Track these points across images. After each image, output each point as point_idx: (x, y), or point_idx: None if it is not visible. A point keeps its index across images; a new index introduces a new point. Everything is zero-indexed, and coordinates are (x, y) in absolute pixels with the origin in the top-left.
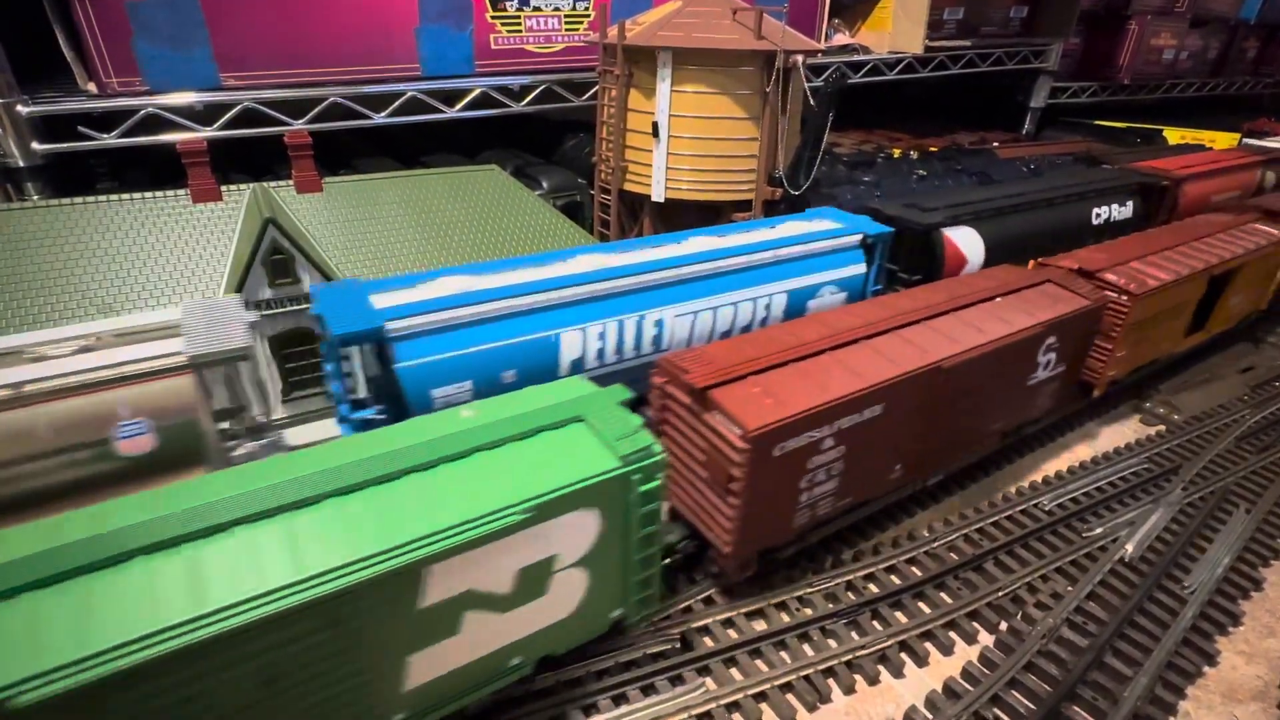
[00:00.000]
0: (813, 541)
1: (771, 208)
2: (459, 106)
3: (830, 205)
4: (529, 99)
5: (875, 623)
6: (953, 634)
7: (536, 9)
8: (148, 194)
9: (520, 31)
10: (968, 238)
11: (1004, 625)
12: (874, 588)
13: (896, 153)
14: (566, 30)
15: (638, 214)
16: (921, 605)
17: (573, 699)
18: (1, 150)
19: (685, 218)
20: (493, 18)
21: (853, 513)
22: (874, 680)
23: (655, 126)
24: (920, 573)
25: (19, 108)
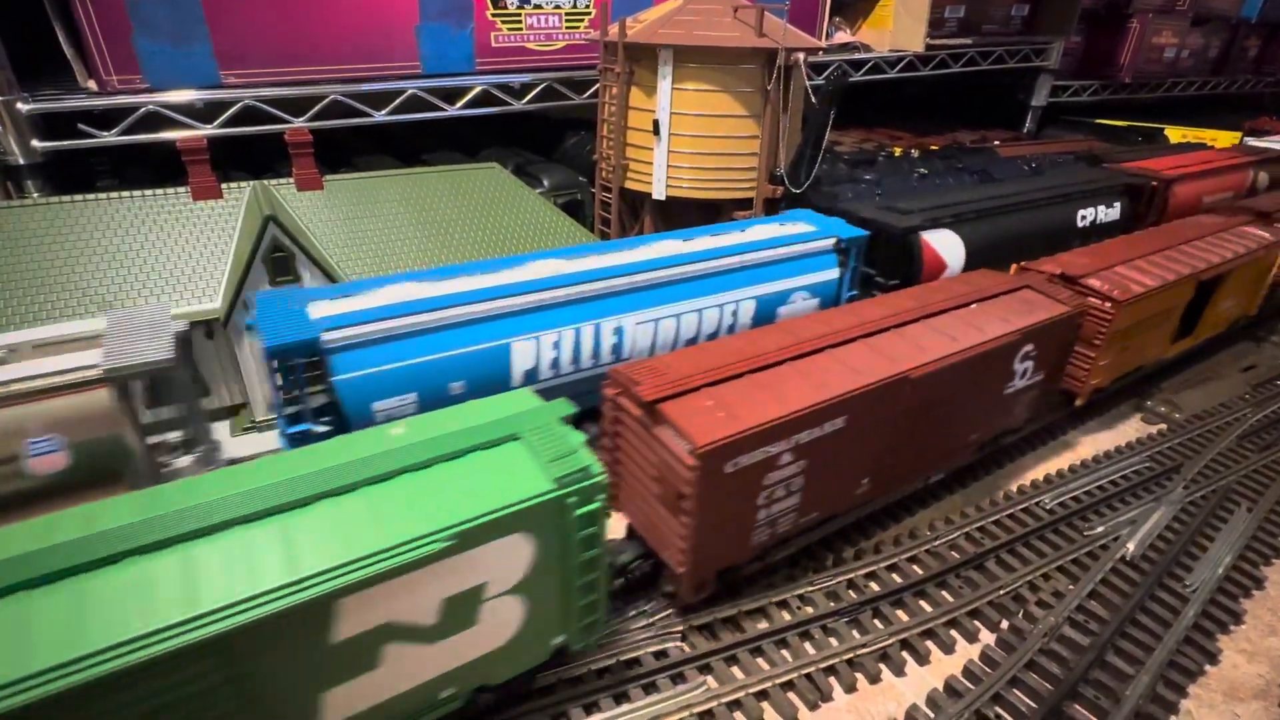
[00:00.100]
0: (777, 559)
1: (773, 206)
2: (459, 104)
3: (832, 204)
4: (530, 97)
5: (877, 621)
6: (954, 632)
7: (537, 7)
8: (148, 191)
9: (521, 29)
10: (947, 241)
11: (1005, 623)
12: (875, 586)
13: (897, 151)
14: (567, 28)
15: (639, 212)
16: (923, 603)
17: (574, 697)
18: (2, 148)
19: (686, 216)
20: (493, 15)
21: (819, 528)
22: (875, 678)
23: (656, 124)
24: (922, 571)
25: (19, 105)
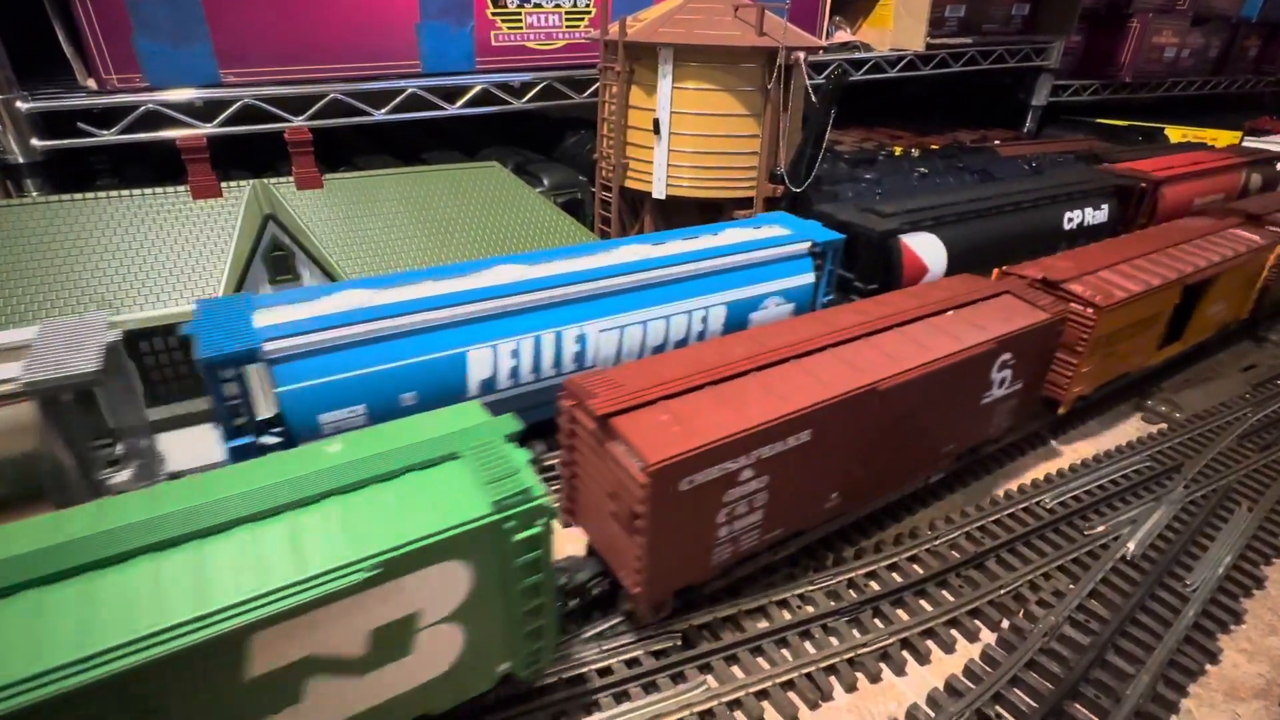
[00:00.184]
0: (740, 576)
1: (773, 205)
2: (459, 103)
3: (833, 203)
4: (530, 96)
5: (877, 620)
6: (955, 631)
7: (537, 6)
8: (147, 190)
9: (521, 28)
10: (928, 244)
11: (1006, 623)
12: (876, 585)
13: (898, 150)
14: (567, 27)
15: (639, 211)
16: (923, 603)
17: (575, 696)
18: (1, 146)
19: (687, 215)
20: (493, 14)
21: (788, 543)
22: (876, 678)
23: (656, 123)
24: (922, 570)
25: (19, 104)
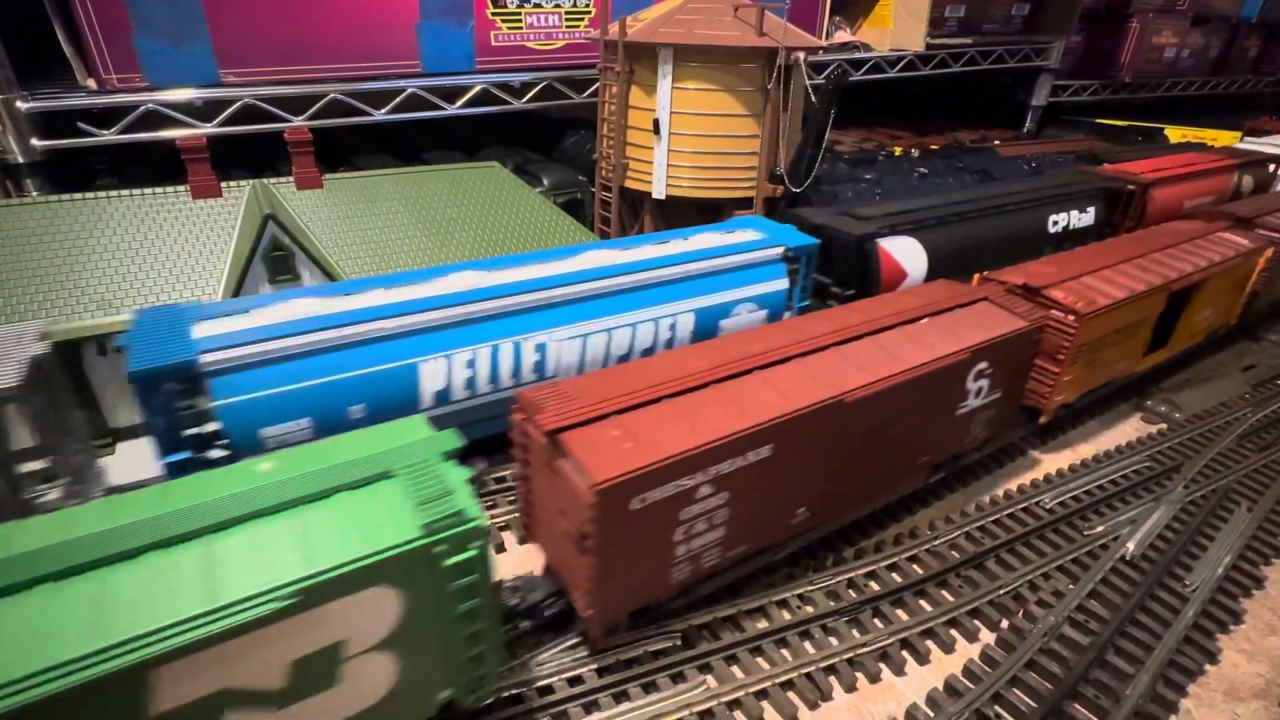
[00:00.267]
0: (700, 595)
1: (773, 205)
2: (459, 103)
3: (832, 203)
4: (529, 96)
5: (877, 620)
6: (954, 632)
7: (537, 6)
8: (147, 190)
9: (521, 28)
10: (908, 249)
11: (1005, 623)
12: (875, 585)
13: (898, 151)
14: (567, 27)
15: (639, 211)
16: (923, 603)
17: (574, 696)
18: (1, 146)
19: (686, 215)
20: (493, 14)
21: (753, 559)
22: (875, 678)
23: (656, 123)
24: (922, 570)
25: (18, 104)
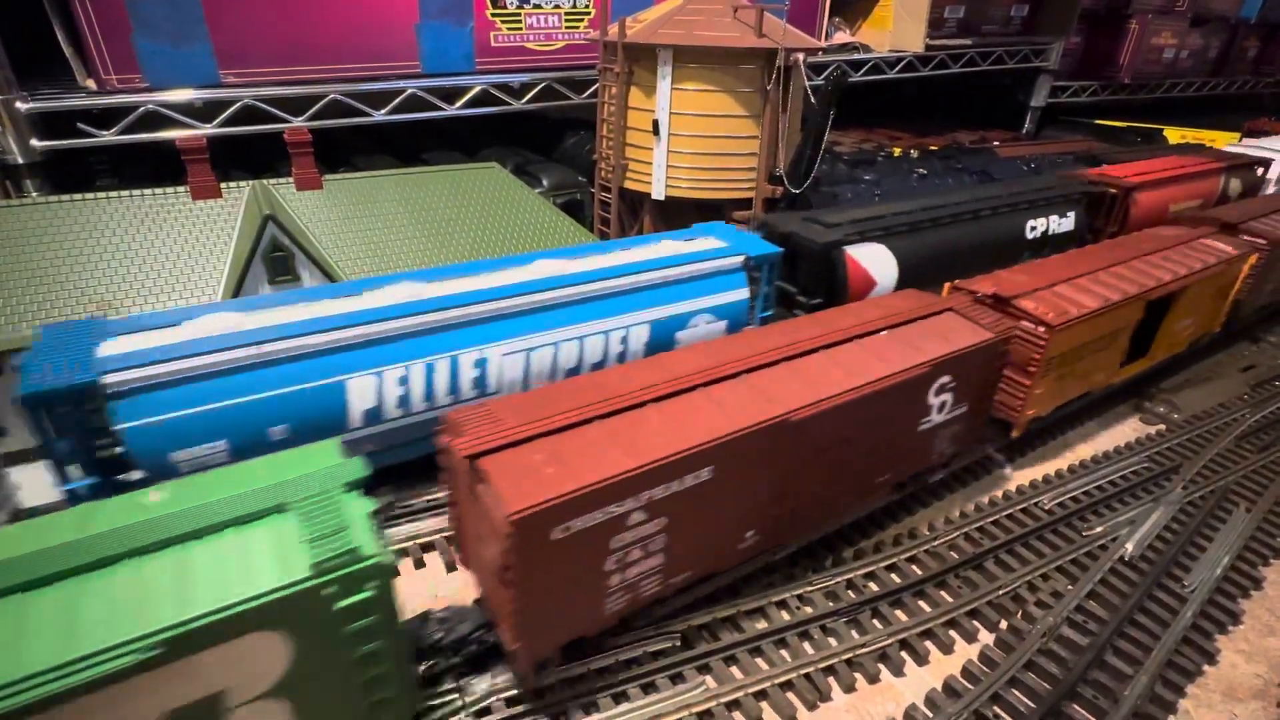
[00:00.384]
0: (643, 624)
1: (772, 206)
2: (459, 104)
3: (832, 204)
4: (529, 96)
5: (876, 621)
6: (953, 632)
7: (537, 6)
8: (147, 190)
9: (520, 29)
10: (877, 256)
11: (1004, 624)
12: (874, 586)
13: (897, 151)
14: (567, 28)
15: (638, 212)
16: (922, 603)
17: (573, 696)
18: (1, 147)
19: (686, 216)
20: (493, 15)
21: (703, 584)
22: (874, 678)
23: (656, 124)
24: (921, 571)
25: (18, 104)
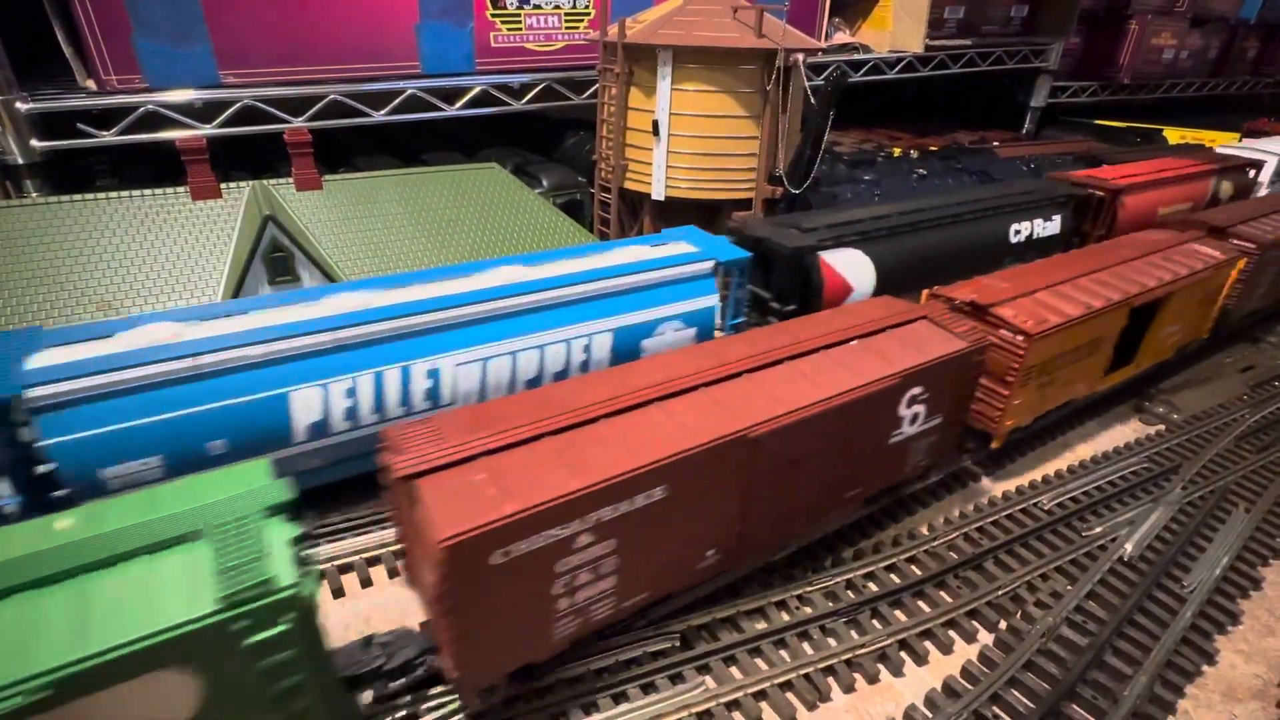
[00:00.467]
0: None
1: (772, 206)
2: (459, 104)
3: (831, 204)
4: (529, 97)
5: (875, 621)
6: (952, 633)
7: (537, 7)
8: (147, 191)
9: (520, 29)
10: (853, 261)
11: (1004, 624)
12: (874, 586)
13: (897, 152)
14: (567, 28)
15: (638, 212)
16: (921, 604)
17: (573, 697)
18: (1, 147)
19: (685, 216)
20: (493, 15)
21: (662, 604)
22: (874, 679)
23: (655, 125)
24: (920, 571)
25: (18, 105)
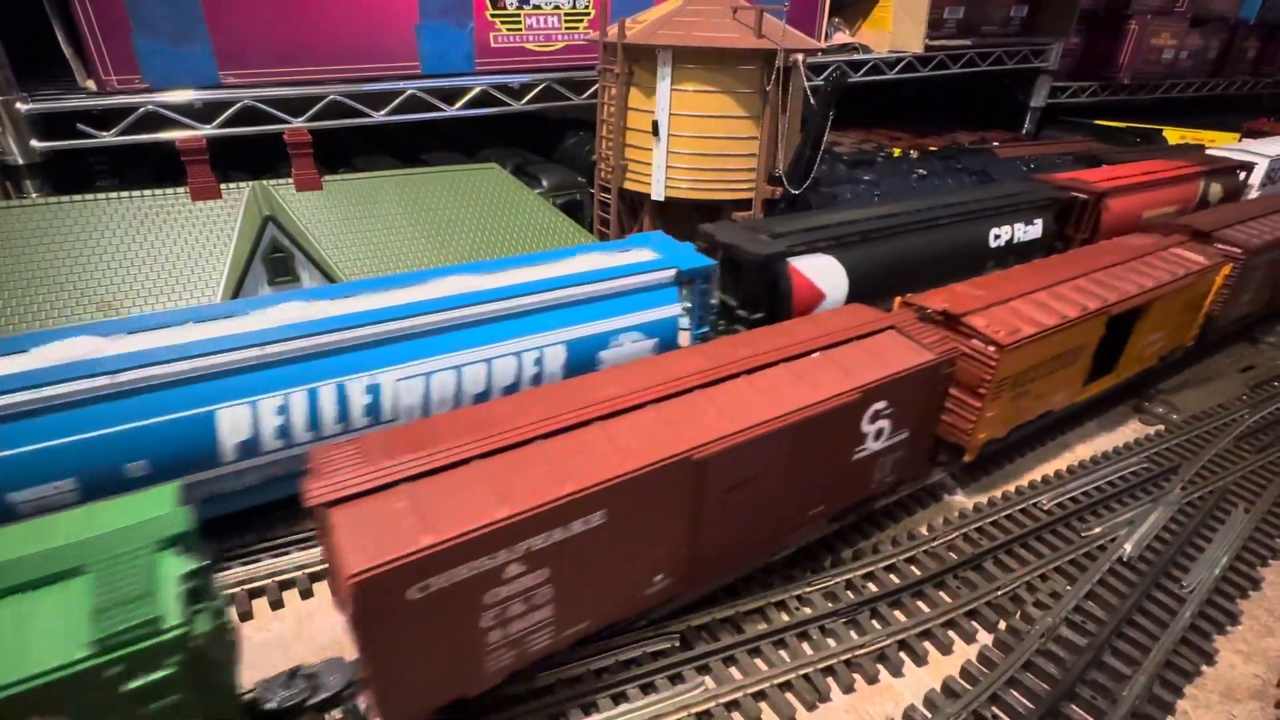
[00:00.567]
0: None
1: (771, 207)
2: (459, 105)
3: (831, 204)
4: (529, 97)
5: (874, 622)
6: (952, 633)
7: (536, 7)
8: (147, 192)
9: (520, 30)
10: (825, 268)
11: (1003, 624)
12: (873, 587)
13: (896, 152)
14: (566, 29)
15: (638, 212)
16: (921, 604)
17: (572, 697)
18: (1, 148)
19: (685, 216)
20: (493, 16)
21: (611, 631)
22: (873, 679)
23: (655, 125)
24: (919, 572)
25: (18, 105)
